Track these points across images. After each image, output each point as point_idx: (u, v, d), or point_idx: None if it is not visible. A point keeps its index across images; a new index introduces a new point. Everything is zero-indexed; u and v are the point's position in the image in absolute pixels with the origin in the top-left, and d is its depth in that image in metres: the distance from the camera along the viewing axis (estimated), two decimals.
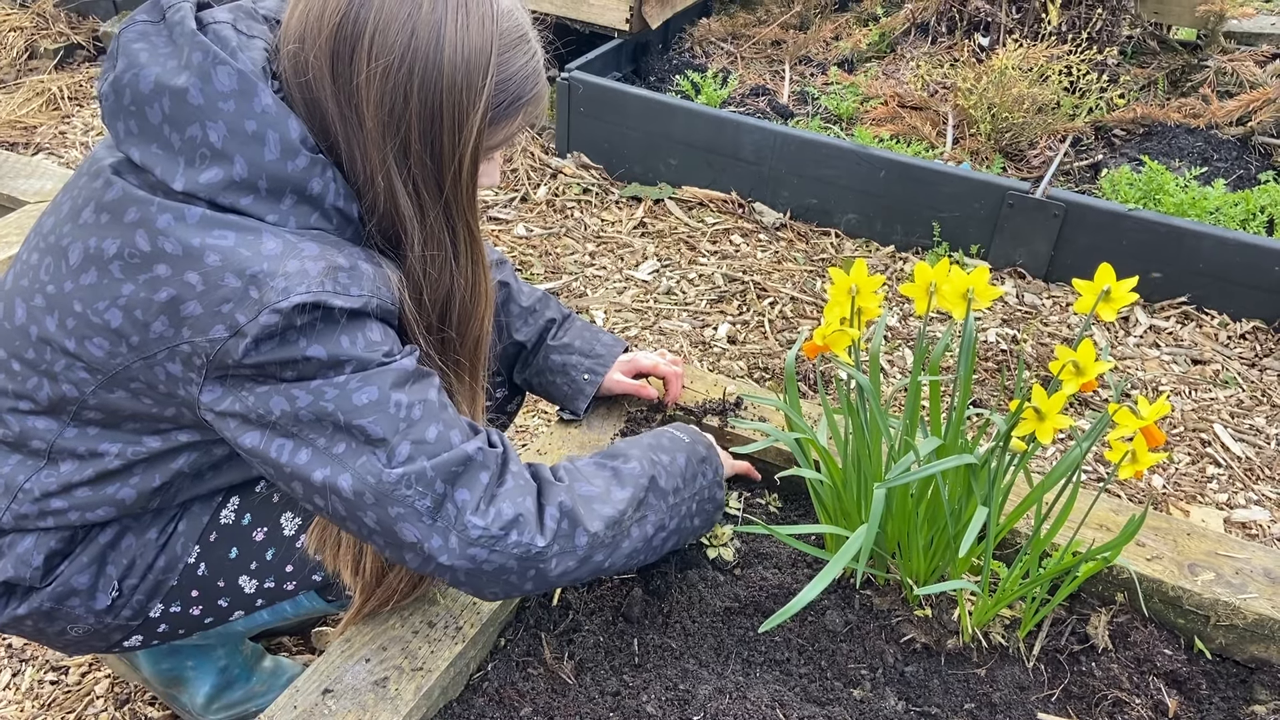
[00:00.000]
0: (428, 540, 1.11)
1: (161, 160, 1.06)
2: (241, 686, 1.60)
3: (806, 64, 3.94)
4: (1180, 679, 1.42)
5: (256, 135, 1.04)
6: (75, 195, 1.14)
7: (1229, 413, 2.48)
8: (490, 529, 1.12)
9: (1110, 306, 1.24)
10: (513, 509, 1.14)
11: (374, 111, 1.05)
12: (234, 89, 1.04)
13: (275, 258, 1.04)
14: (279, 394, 1.06)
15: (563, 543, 1.18)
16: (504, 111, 1.13)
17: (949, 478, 1.38)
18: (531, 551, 1.15)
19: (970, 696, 1.40)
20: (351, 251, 1.09)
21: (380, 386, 1.08)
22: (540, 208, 3.22)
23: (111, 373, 1.11)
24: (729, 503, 1.65)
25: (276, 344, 1.04)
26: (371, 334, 1.09)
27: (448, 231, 1.14)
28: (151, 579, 1.30)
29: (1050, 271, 2.91)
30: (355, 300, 1.06)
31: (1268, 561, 1.50)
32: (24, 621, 1.28)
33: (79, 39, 4.04)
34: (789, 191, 3.15)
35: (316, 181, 1.08)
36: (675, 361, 1.75)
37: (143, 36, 1.09)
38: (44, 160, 3.02)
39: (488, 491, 1.14)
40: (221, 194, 1.05)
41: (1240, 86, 3.49)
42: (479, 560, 1.13)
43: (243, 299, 1.02)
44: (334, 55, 1.05)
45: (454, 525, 1.11)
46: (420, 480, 1.09)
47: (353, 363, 1.07)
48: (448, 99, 1.06)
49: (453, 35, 1.05)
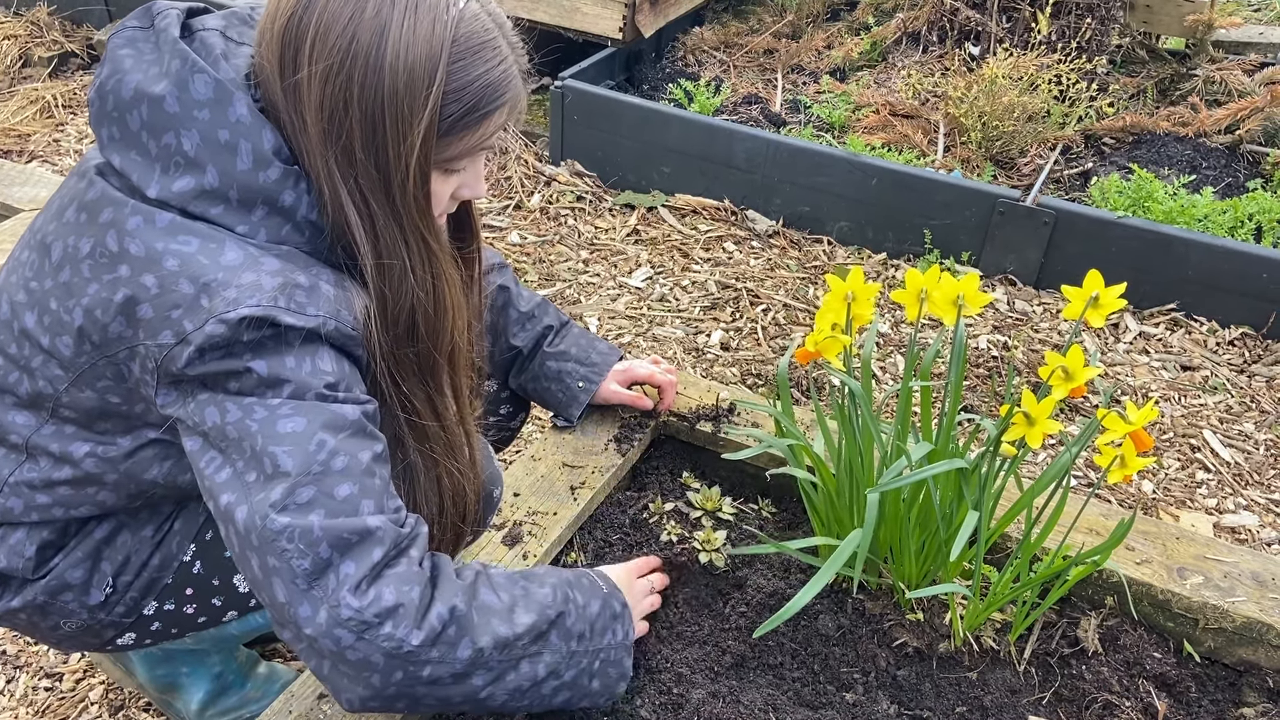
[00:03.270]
0: (296, 605, 1.01)
1: (139, 166, 1.06)
2: (236, 693, 1.60)
3: (799, 73, 3.96)
4: (1169, 682, 1.43)
5: (229, 145, 1.03)
6: (64, 195, 1.15)
7: (1218, 418, 2.50)
8: (363, 613, 1.01)
9: (1099, 312, 1.25)
10: (394, 597, 1.02)
11: (315, 116, 1.02)
12: (209, 98, 1.03)
13: (232, 268, 1.02)
14: (215, 404, 1.03)
15: (442, 650, 1.05)
16: (459, 123, 1.06)
17: (940, 482, 1.40)
18: (402, 650, 1.02)
19: (962, 700, 1.41)
20: (318, 271, 1.07)
21: (310, 420, 1.02)
22: (534, 215, 3.23)
23: (79, 371, 1.12)
24: (722, 508, 1.66)
25: (221, 355, 1.01)
26: (321, 362, 1.04)
27: (401, 244, 1.08)
28: (146, 576, 1.31)
29: (1041, 279, 2.93)
30: (309, 320, 1.03)
31: (1255, 565, 1.51)
32: (18, 614, 1.29)
33: (73, 47, 4.05)
34: (781, 199, 3.16)
35: (289, 194, 1.06)
36: (670, 370, 1.76)
37: (130, 43, 1.09)
38: (38, 168, 3.02)
39: (374, 570, 1.02)
40: (192, 202, 1.04)
41: (1228, 95, 3.52)
42: (343, 645, 1.01)
43: (192, 306, 1.01)
44: (281, 58, 1.03)
45: (328, 598, 1.00)
46: (304, 538, 1.00)
47: (291, 385, 1.02)
48: (389, 106, 1.01)
49: (396, 39, 1.00)
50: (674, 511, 1.65)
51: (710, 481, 1.74)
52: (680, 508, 1.66)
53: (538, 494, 1.59)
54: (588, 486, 1.61)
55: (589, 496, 1.60)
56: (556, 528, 1.53)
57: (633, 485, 1.76)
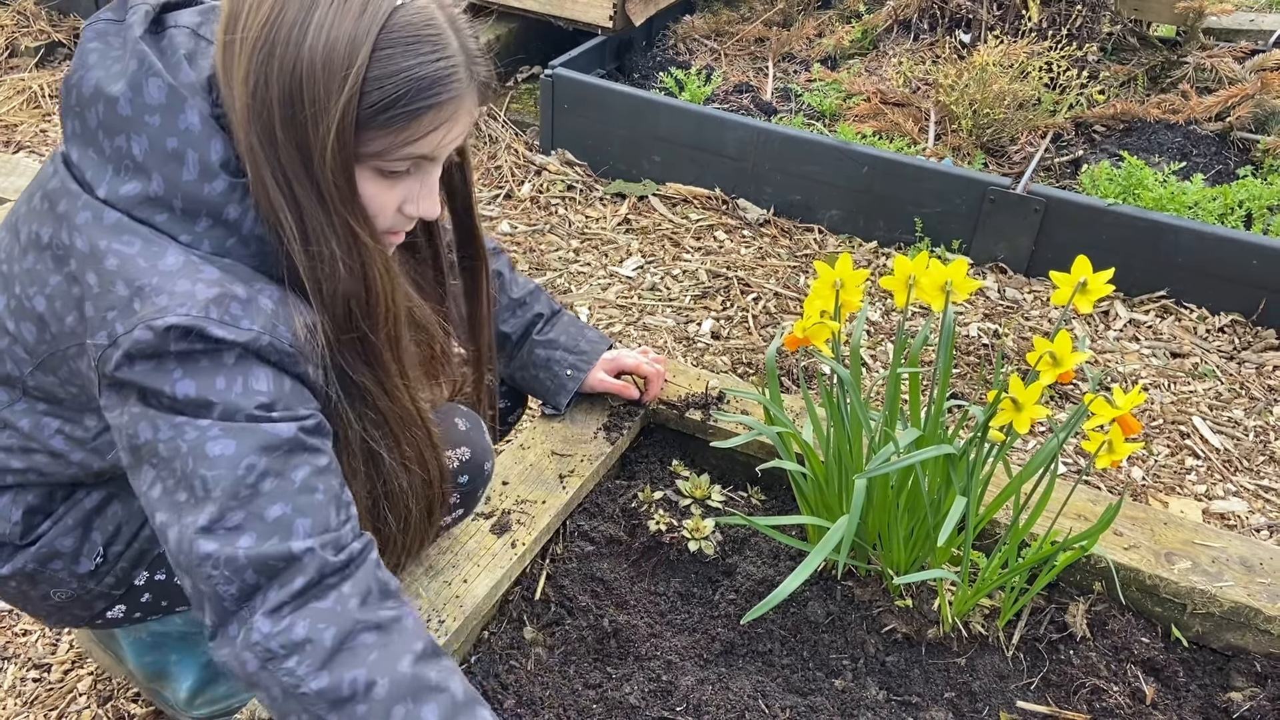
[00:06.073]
0: (223, 626, 1.01)
1: (93, 165, 1.05)
2: (225, 682, 1.59)
3: (790, 61, 3.95)
4: (1157, 667, 1.44)
5: (176, 153, 1.02)
6: (37, 179, 1.15)
7: (1207, 405, 2.50)
8: (269, 640, 0.99)
9: (1087, 298, 1.25)
10: (305, 631, 0.99)
11: (241, 90, 1.00)
12: (161, 103, 1.02)
13: (168, 274, 1.00)
14: (147, 420, 1.01)
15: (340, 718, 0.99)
16: (381, 115, 1.01)
17: (928, 468, 1.40)
18: (298, 690, 0.99)
19: (950, 685, 1.41)
20: (260, 286, 1.04)
21: (240, 442, 1.00)
22: (524, 204, 3.22)
23: (40, 358, 1.12)
24: (711, 496, 1.66)
25: (151, 366, 1.00)
26: (255, 381, 1.02)
27: (329, 229, 1.04)
28: (137, 547, 1.31)
29: (1031, 266, 2.93)
30: (241, 334, 1.00)
31: (1243, 550, 1.51)
32: (8, 582, 1.29)
33: (60, 37, 4.02)
34: (772, 188, 3.16)
35: (234, 208, 1.04)
36: (658, 360, 1.76)
37: (100, 36, 1.08)
38: (25, 158, 3.01)
39: (296, 599, 1.00)
40: (137, 208, 1.03)
41: (1219, 82, 3.52)
42: (248, 670, 1.00)
43: (125, 309, 1.00)
44: (225, 34, 1.01)
45: (249, 619, 1.00)
46: (230, 564, 0.99)
47: (220, 408, 1.00)
48: (306, 85, 0.98)
49: (322, 17, 0.97)
50: (663, 500, 1.65)
51: (700, 469, 1.74)
52: (670, 496, 1.66)
53: (526, 482, 1.59)
54: (577, 475, 1.61)
55: (578, 485, 1.60)
56: (545, 516, 1.53)
57: (622, 474, 1.76)
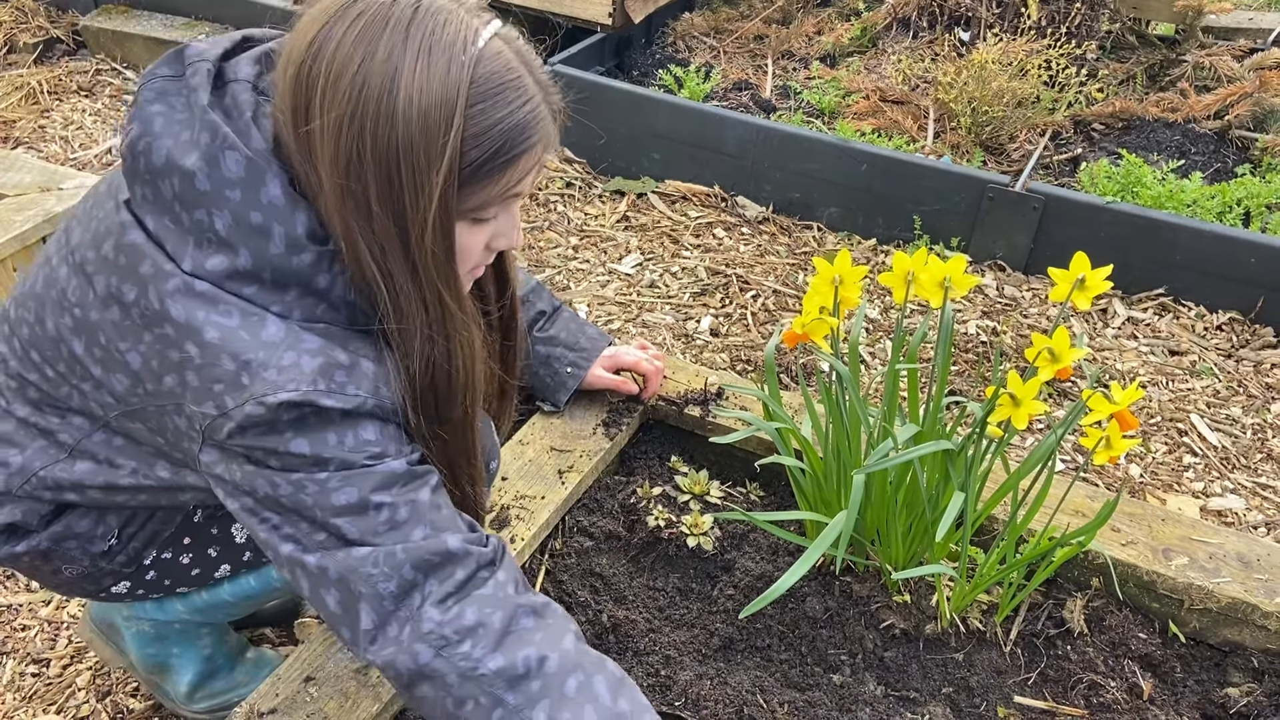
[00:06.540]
0: (383, 627, 1.03)
1: (173, 236, 1.03)
2: (225, 676, 1.60)
3: (789, 59, 3.95)
4: (1155, 662, 1.44)
5: (262, 229, 1.01)
6: (100, 219, 1.10)
7: (1205, 403, 2.50)
8: (443, 628, 1.02)
9: (1086, 295, 1.25)
10: (475, 616, 1.03)
11: (329, 170, 0.97)
12: (241, 177, 1.00)
13: (272, 346, 1.01)
14: (263, 477, 1.03)
15: (520, 698, 1.02)
16: (482, 170, 1.00)
17: (927, 464, 1.40)
18: (476, 671, 1.01)
19: (948, 680, 1.41)
20: (357, 346, 1.05)
21: (360, 489, 1.02)
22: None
23: (130, 408, 1.11)
24: (710, 492, 1.66)
25: (262, 432, 1.01)
26: (364, 433, 1.04)
27: (419, 304, 1.04)
28: (150, 528, 1.31)
29: (1030, 264, 2.93)
30: (350, 400, 1.02)
31: (1241, 546, 1.52)
32: (20, 558, 1.29)
33: (58, 33, 4.01)
34: (771, 185, 3.16)
35: (323, 277, 1.04)
36: (657, 357, 1.77)
37: (161, 96, 1.04)
38: (23, 154, 3.00)
39: (460, 590, 1.04)
40: (226, 282, 1.02)
41: (1218, 81, 3.52)
42: (421, 661, 1.02)
43: (233, 383, 1.00)
44: (294, 110, 0.98)
45: (414, 615, 1.02)
46: (389, 561, 1.02)
47: (335, 462, 1.02)
48: (405, 156, 0.95)
49: (409, 83, 0.94)
50: (662, 495, 1.65)
51: (698, 465, 1.74)
52: (668, 492, 1.66)
53: (526, 478, 1.59)
54: (576, 470, 1.61)
55: (577, 480, 1.60)
56: (544, 511, 1.53)
57: (621, 469, 1.76)
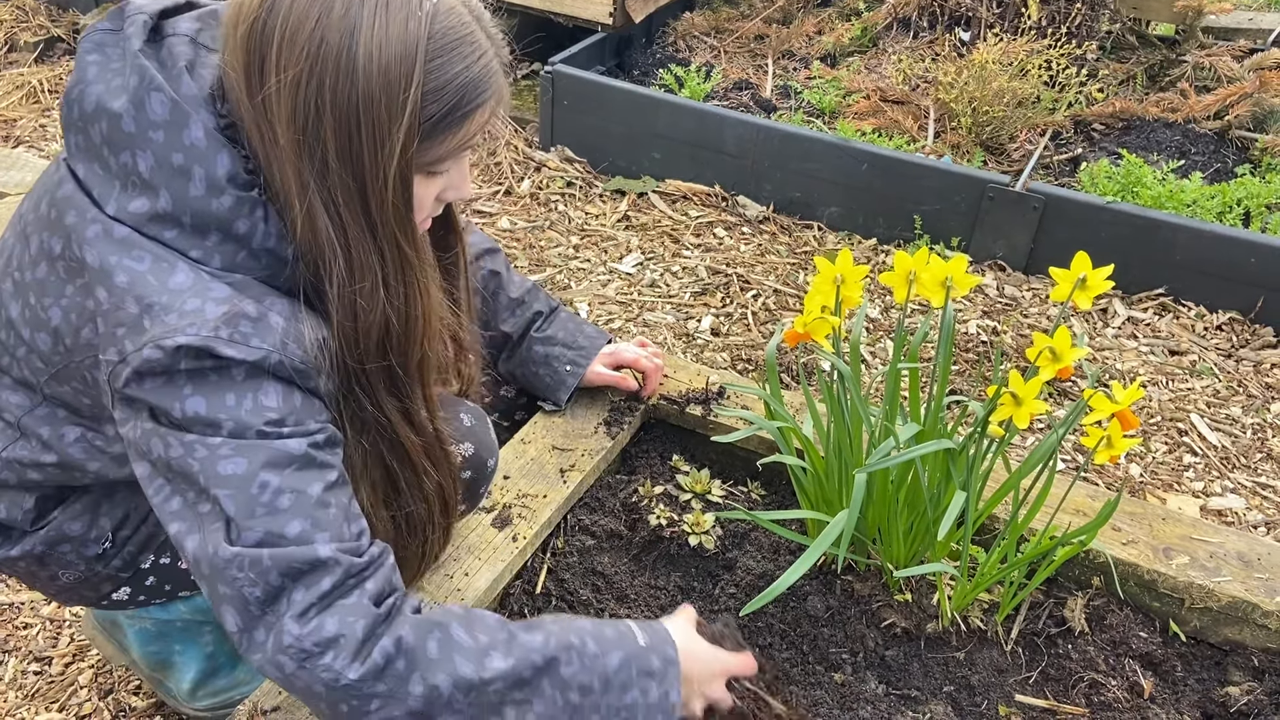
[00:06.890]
0: (249, 631, 1.01)
1: (100, 181, 1.03)
2: (227, 674, 1.60)
3: (789, 59, 3.95)
4: (1155, 661, 1.44)
5: (182, 169, 1.00)
6: (43, 183, 1.13)
7: (1205, 403, 2.51)
8: (301, 641, 0.99)
9: (1086, 294, 1.26)
10: (336, 627, 1.00)
11: (286, 127, 0.97)
12: (165, 119, 1.00)
13: (178, 292, 0.99)
14: (158, 436, 1.01)
15: (390, 684, 1.01)
16: (440, 124, 1.01)
17: (928, 463, 1.40)
18: (339, 682, 0.99)
19: (949, 679, 1.41)
20: (271, 301, 1.03)
21: (251, 461, 0.99)
22: (524, 201, 3.22)
23: (56, 368, 1.11)
24: (712, 491, 1.66)
25: (160, 383, 0.99)
26: (264, 398, 1.01)
27: (375, 256, 1.03)
28: (144, 531, 1.31)
29: (1030, 264, 2.93)
30: (251, 352, 0.99)
31: (1241, 545, 1.52)
32: (16, 563, 1.30)
33: (59, 32, 4.01)
34: (772, 185, 3.16)
35: (243, 222, 1.02)
36: (657, 354, 1.77)
37: (98, 48, 1.05)
38: (24, 153, 3.01)
39: (323, 600, 1.00)
40: (146, 225, 1.01)
41: (1217, 81, 3.52)
42: (286, 672, 1.00)
43: (134, 327, 0.99)
44: (247, 67, 0.97)
45: (278, 622, 1.00)
46: (254, 566, 0.99)
47: (229, 425, 0.99)
48: (365, 112, 0.95)
49: (368, 39, 0.94)
50: (664, 494, 1.65)
51: (700, 464, 1.74)
52: (670, 490, 1.66)
53: (527, 476, 1.59)
54: (577, 469, 1.61)
55: (579, 479, 1.60)
56: (546, 510, 1.53)
57: (623, 468, 1.76)
